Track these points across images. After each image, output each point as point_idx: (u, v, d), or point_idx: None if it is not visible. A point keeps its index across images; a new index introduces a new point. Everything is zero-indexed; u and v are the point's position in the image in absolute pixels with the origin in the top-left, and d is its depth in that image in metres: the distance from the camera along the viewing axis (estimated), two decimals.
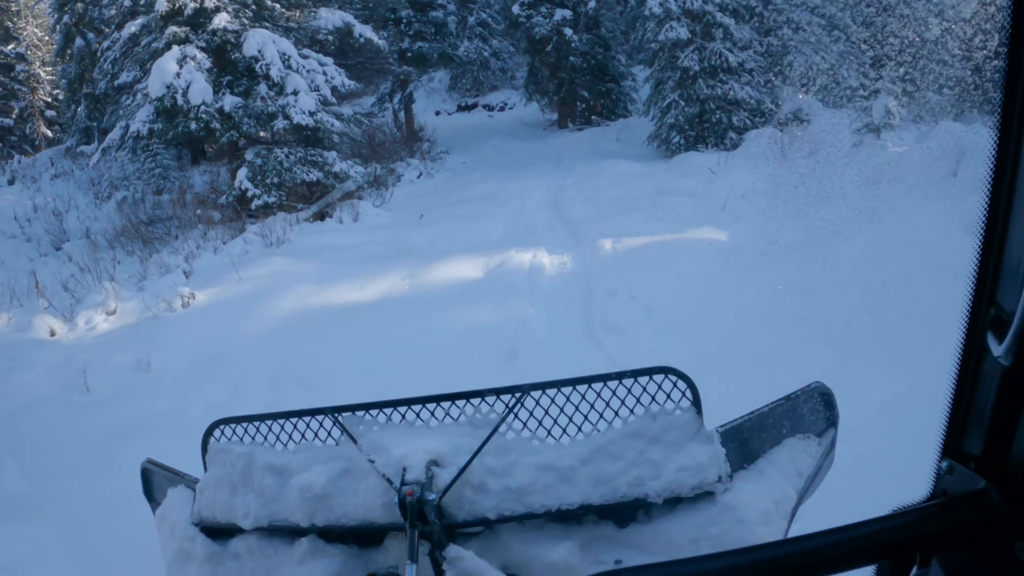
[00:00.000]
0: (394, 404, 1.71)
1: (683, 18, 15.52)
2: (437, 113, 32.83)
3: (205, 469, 1.89)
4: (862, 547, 0.89)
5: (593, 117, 23.59)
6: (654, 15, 15.88)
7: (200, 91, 14.01)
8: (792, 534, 1.47)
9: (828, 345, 5.42)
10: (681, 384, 1.55)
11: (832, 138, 12.70)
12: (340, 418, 1.71)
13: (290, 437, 1.85)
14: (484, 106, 32.07)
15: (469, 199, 13.98)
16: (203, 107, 14.02)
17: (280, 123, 14.10)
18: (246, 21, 15.63)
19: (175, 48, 14.72)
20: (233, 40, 15.05)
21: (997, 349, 0.80)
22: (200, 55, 14.58)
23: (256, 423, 1.86)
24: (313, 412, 1.78)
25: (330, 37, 17.79)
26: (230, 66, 15.43)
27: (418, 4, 24.00)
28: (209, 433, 1.91)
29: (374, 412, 1.72)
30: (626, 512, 1.53)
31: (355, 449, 1.64)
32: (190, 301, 9.82)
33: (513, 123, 25.81)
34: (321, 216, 14.43)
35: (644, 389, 1.59)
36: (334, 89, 15.34)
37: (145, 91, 14.87)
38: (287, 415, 1.82)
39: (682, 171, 13.86)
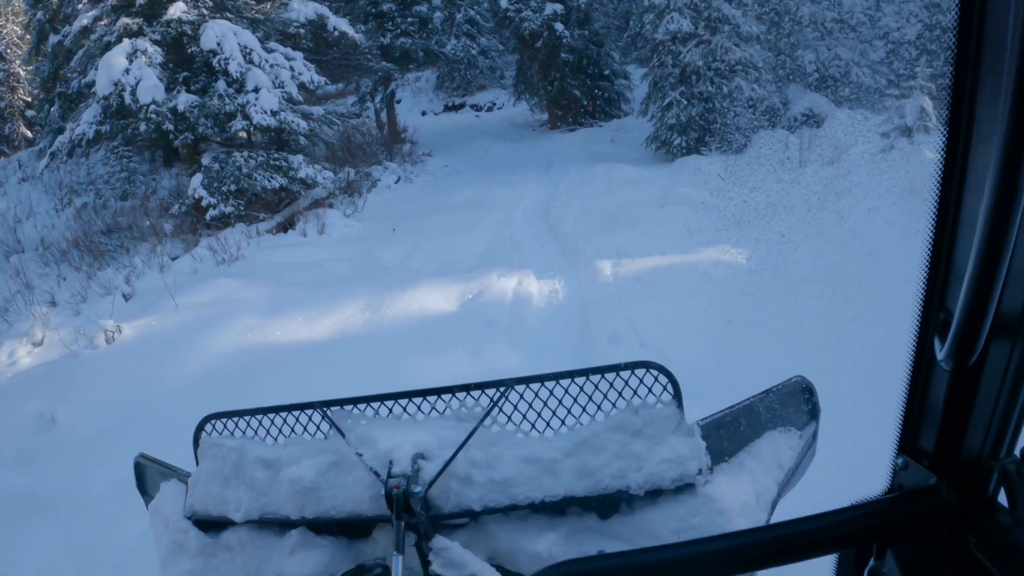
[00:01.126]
0: (382, 398, 1.71)
1: (685, 9, 13.97)
2: (423, 113, 31.47)
3: (197, 463, 1.86)
4: (821, 538, 0.91)
5: (585, 117, 22.05)
6: (654, 6, 14.33)
7: (150, 88, 12.39)
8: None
9: None
10: (663, 378, 1.53)
11: (856, 141, 11.18)
12: (329, 412, 1.70)
13: (280, 431, 1.82)
14: (472, 106, 30.74)
15: (450, 207, 12.43)
16: (153, 106, 12.39)
17: (238, 124, 12.49)
18: (206, 11, 14.02)
19: (125, 41, 13.11)
20: (190, 32, 13.45)
21: (939, 352, 0.83)
22: (152, 49, 12.97)
23: (247, 417, 1.84)
24: (303, 407, 1.76)
25: (302, 30, 16.22)
26: (187, 61, 13.83)
27: None
28: (200, 428, 1.89)
29: (362, 406, 1.71)
30: (609, 504, 1.52)
31: (343, 443, 1.63)
32: (115, 336, 8.25)
33: (501, 124, 24.25)
34: (286, 227, 12.84)
35: (626, 383, 1.57)
36: (302, 86, 13.74)
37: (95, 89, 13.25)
38: (277, 409, 1.81)
39: (686, 177, 12.32)
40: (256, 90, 12.73)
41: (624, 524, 1.51)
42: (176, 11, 13.16)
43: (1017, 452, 0.84)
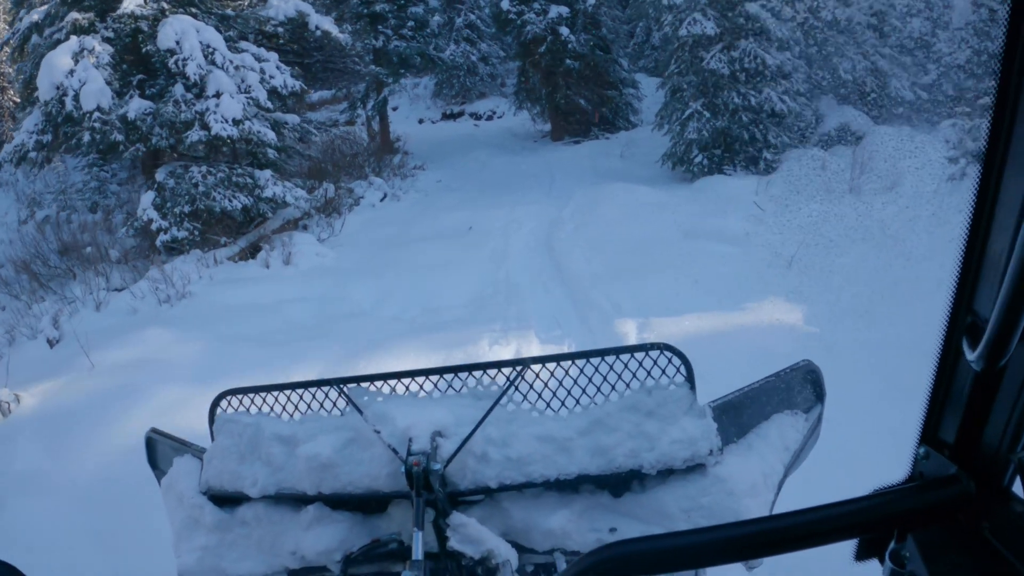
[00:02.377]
0: (399, 375, 1.71)
1: (709, 9, 12.17)
2: (420, 121, 29.75)
3: (212, 439, 1.85)
4: (847, 523, 0.94)
5: (591, 129, 20.25)
6: (673, 5, 12.51)
7: (95, 93, 10.59)
8: (778, 505, 1.52)
9: None
10: (676, 360, 1.55)
11: (915, 166, 9.36)
12: (346, 389, 1.70)
13: (296, 408, 1.83)
14: (471, 114, 29.05)
15: (438, 234, 10.62)
16: (98, 114, 10.58)
17: (195, 134, 10.68)
18: (166, 5, 12.24)
19: (72, 39, 11.32)
20: (147, 29, 11.66)
21: (970, 354, 0.84)
22: (101, 47, 11.18)
23: (263, 394, 1.85)
24: (319, 383, 1.78)
25: (280, 29, 14.43)
26: (144, 62, 12.05)
27: None
28: (216, 403, 1.89)
29: (378, 383, 1.71)
30: (621, 482, 1.53)
31: (361, 419, 1.62)
32: (11, 408, 6.48)
33: (501, 134, 22.45)
34: (251, 253, 11.02)
35: (640, 364, 1.58)
36: (274, 91, 11.92)
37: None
38: (293, 386, 1.83)
39: (712, 202, 10.51)
40: (217, 95, 10.93)
41: (636, 503, 1.51)
42: (130, 4, 11.37)
43: None
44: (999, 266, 0.78)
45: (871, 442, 3.65)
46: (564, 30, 18.80)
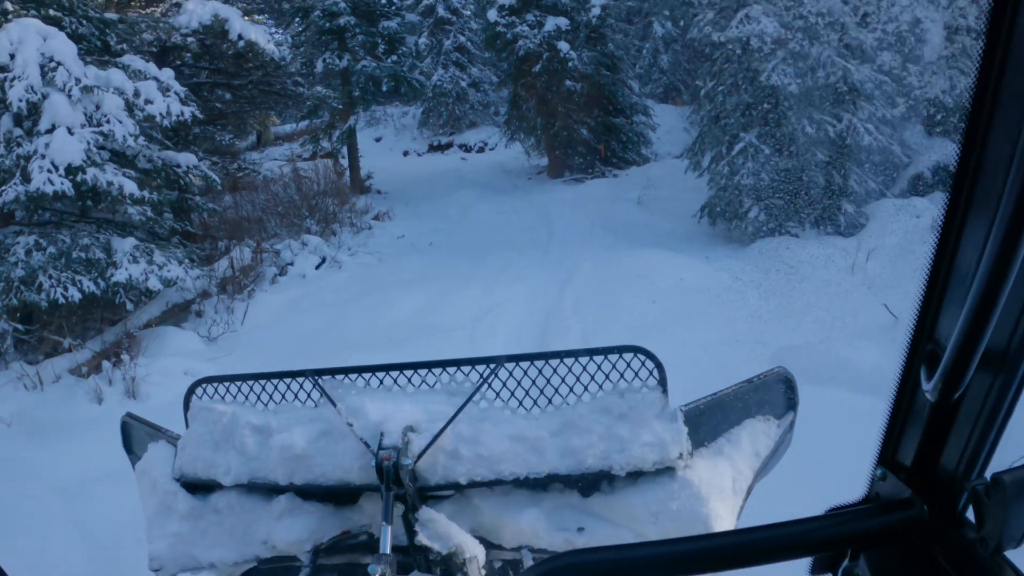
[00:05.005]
0: (373, 369, 1.66)
1: (767, 2, 8.34)
2: (405, 154, 26.34)
3: (187, 426, 1.80)
4: (802, 541, 0.94)
5: (596, 163, 16.46)
6: (713, 2, 8.69)
7: None
8: (747, 510, 1.52)
9: None
10: (649, 364, 1.52)
11: None
12: (320, 381, 1.65)
13: (271, 398, 1.76)
14: (460, 145, 25.56)
15: (372, 341, 6.75)
16: None
17: (12, 189, 6.87)
18: (10, 6, 8.55)
19: None
20: None
21: (926, 384, 0.84)
22: None
23: (238, 383, 1.79)
24: (294, 374, 1.73)
25: (191, 40, 10.71)
26: None
27: (363, 10, 16.98)
28: (191, 391, 1.83)
29: (353, 376, 1.66)
30: (591, 483, 1.51)
31: (334, 412, 1.59)
32: None
33: (490, 169, 18.68)
34: (98, 363, 7.16)
35: (614, 366, 1.55)
36: (149, 120, 8.15)
37: None
38: (268, 376, 1.77)
39: (794, 285, 6.65)
40: (51, 130, 7.14)
41: (605, 503, 1.49)
42: None
43: (988, 475, 0.85)
44: (960, 299, 0.78)
45: None
46: (563, 45, 15.06)
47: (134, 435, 1.99)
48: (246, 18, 12.35)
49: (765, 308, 6.11)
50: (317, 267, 9.73)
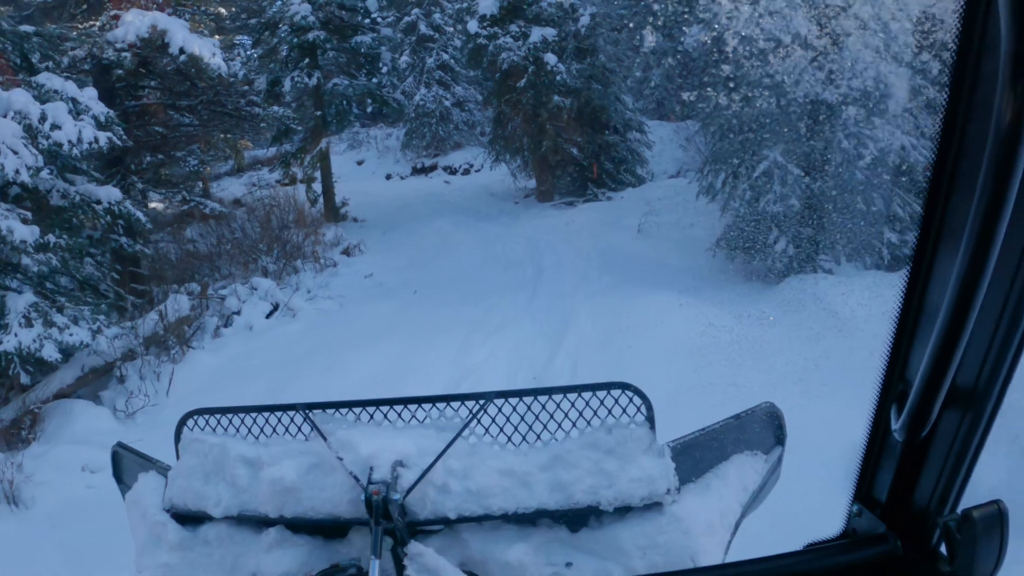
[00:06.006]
0: (363, 404, 1.67)
1: None
2: (388, 177, 25.22)
3: (178, 457, 1.77)
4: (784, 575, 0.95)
5: (588, 185, 15.06)
6: None
7: None
8: (735, 546, 1.52)
9: None
10: (636, 400, 1.53)
11: None
12: (311, 415, 1.65)
13: (261, 430, 1.74)
14: (445, 168, 24.32)
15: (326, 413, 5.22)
16: None
17: None
18: None
19: None
20: None
21: (895, 423, 0.87)
22: None
23: (229, 415, 1.78)
24: (285, 407, 1.71)
25: (125, 54, 9.30)
26: None
27: (335, 25, 15.63)
28: (183, 423, 1.80)
29: (344, 410, 1.66)
30: (579, 518, 1.51)
31: (324, 445, 1.57)
32: None
33: (475, 193, 17.28)
34: (28, 428, 5.65)
35: (601, 403, 1.56)
36: (52, 149, 6.70)
37: None
38: (259, 409, 1.76)
39: (847, 343, 5.19)
40: None
41: (593, 538, 1.50)
42: None
43: (959, 511, 0.87)
44: (927, 339, 0.79)
45: None
46: (550, 58, 13.68)
47: (124, 465, 1.91)
48: (203, 34, 10.93)
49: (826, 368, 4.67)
50: (268, 316, 8.24)
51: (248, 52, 17.56)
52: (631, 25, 16.07)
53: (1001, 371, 0.80)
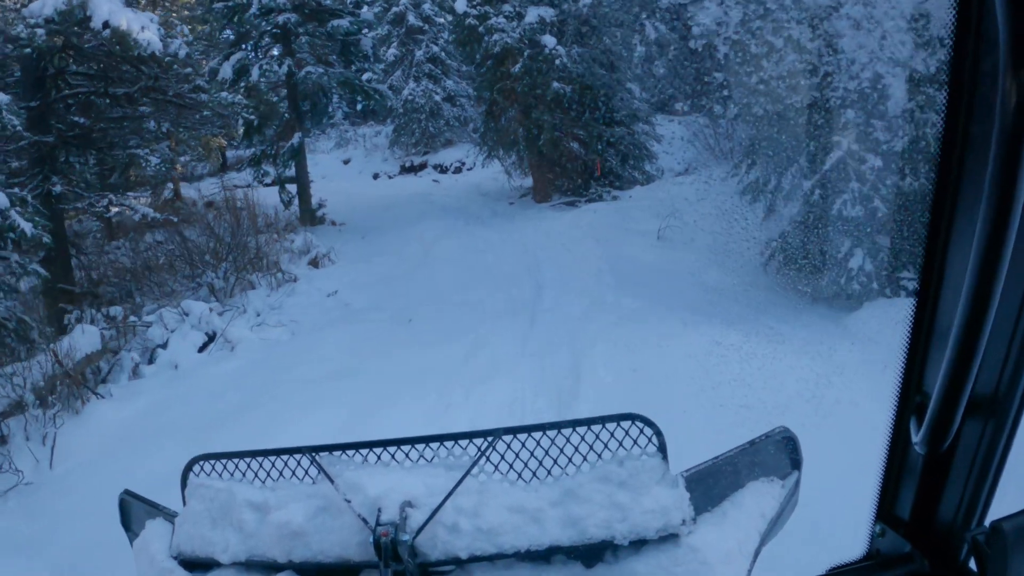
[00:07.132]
0: (370, 445, 1.54)
1: None
2: (375, 176, 24.00)
3: (184, 503, 1.68)
4: None
5: (592, 183, 13.32)
6: None
7: None
8: (755, 575, 1.46)
9: None
10: (648, 430, 1.42)
11: None
12: (317, 457, 1.53)
13: (268, 474, 1.62)
14: (435, 166, 22.87)
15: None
16: None
17: None
18: None
19: None
20: None
21: (915, 436, 0.82)
22: None
23: (235, 460, 1.65)
24: (291, 451, 1.60)
25: (39, 30, 7.62)
26: None
27: (311, 8, 13.97)
28: (189, 468, 1.68)
29: (351, 452, 1.54)
30: (593, 553, 1.40)
31: (332, 488, 1.46)
32: None
33: (465, 193, 15.57)
34: None
35: (612, 435, 1.44)
36: None
37: None
38: (265, 453, 1.64)
39: None
40: None
41: (609, 573, 1.40)
42: None
43: (987, 523, 0.82)
44: (944, 348, 0.75)
45: None
46: (549, 40, 11.97)
47: (132, 512, 1.78)
48: (142, 10, 9.20)
49: None
50: (201, 348, 6.51)
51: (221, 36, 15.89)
52: (629, 18, 14.41)
53: (1022, 375, 0.77)
